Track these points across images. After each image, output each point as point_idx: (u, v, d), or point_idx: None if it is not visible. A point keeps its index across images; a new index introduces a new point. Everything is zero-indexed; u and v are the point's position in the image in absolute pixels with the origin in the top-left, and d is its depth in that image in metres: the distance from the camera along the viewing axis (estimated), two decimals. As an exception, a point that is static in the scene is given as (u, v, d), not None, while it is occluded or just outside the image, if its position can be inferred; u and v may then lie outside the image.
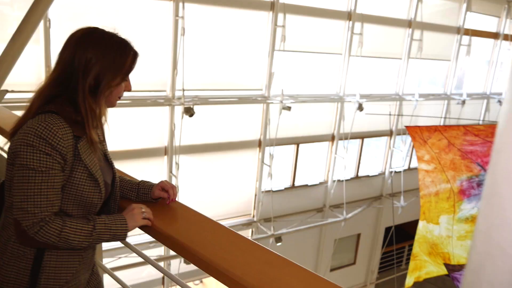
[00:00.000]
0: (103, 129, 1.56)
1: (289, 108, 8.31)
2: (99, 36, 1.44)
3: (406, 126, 6.02)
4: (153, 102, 7.16)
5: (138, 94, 6.96)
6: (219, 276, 1.16)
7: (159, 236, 1.38)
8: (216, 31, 7.54)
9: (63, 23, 6.21)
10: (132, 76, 1.54)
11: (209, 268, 1.19)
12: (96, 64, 1.39)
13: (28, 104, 1.46)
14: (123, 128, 6.82)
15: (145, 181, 1.72)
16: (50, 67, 6.15)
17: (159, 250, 7.90)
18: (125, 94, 1.53)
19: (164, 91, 7.28)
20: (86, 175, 1.41)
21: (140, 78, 6.96)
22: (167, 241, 1.36)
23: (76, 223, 1.36)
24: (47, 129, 1.32)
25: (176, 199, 1.63)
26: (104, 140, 1.61)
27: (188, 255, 1.26)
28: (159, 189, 1.63)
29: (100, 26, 1.47)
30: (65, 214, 1.40)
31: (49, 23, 5.98)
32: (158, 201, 1.64)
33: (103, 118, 1.49)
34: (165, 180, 1.66)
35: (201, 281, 9.94)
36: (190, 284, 9.29)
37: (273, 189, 8.85)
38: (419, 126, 5.88)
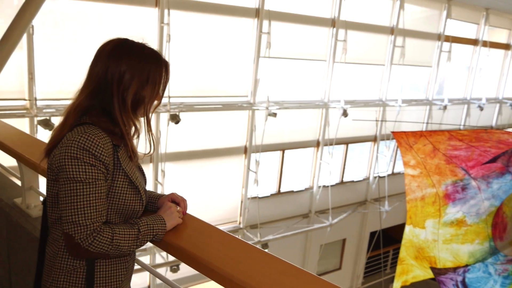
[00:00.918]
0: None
1: (274, 115, 8.33)
2: (131, 47, 1.44)
3: (393, 132, 6.08)
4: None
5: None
6: (234, 287, 1.14)
7: (170, 248, 1.36)
8: (201, 38, 7.52)
9: (45, 29, 6.12)
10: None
11: (223, 279, 1.15)
12: (131, 78, 1.39)
13: (61, 118, 1.44)
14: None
15: (151, 191, 1.70)
16: (33, 74, 6.05)
17: (145, 259, 7.81)
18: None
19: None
20: (127, 183, 1.40)
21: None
22: (178, 253, 1.33)
23: (124, 229, 1.36)
24: (89, 140, 1.31)
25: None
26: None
27: (200, 267, 1.23)
28: (169, 200, 1.61)
29: (129, 37, 1.48)
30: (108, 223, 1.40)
31: (33, 30, 5.88)
32: None
33: (139, 129, 1.50)
34: (175, 193, 1.65)
35: (187, 290, 9.83)
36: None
37: (259, 196, 8.85)
38: (405, 132, 5.96)
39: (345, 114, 9.48)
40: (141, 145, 1.55)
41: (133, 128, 1.47)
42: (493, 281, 6.31)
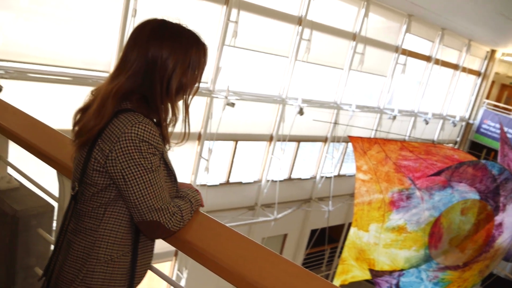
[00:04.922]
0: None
1: (233, 105, 8.30)
2: (171, 30, 1.37)
3: (349, 136, 6.26)
4: (94, 82, 6.83)
5: (80, 72, 6.62)
6: (245, 286, 1.12)
7: (175, 241, 1.31)
8: (167, 17, 7.32)
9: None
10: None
11: (234, 277, 1.14)
12: (175, 63, 1.32)
13: (94, 103, 1.33)
14: (60, 107, 6.45)
15: None
16: None
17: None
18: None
19: (108, 72, 6.97)
20: (166, 173, 1.35)
21: (84, 57, 6.64)
22: (184, 247, 1.31)
23: (183, 204, 1.36)
24: (146, 131, 1.24)
25: None
26: None
27: (208, 263, 1.17)
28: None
29: (165, 17, 1.41)
30: None
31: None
32: None
33: (178, 116, 1.42)
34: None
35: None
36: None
37: (208, 184, 8.81)
38: (361, 137, 6.15)
39: (301, 112, 9.61)
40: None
41: (169, 116, 1.39)
42: (423, 286, 6.69)
